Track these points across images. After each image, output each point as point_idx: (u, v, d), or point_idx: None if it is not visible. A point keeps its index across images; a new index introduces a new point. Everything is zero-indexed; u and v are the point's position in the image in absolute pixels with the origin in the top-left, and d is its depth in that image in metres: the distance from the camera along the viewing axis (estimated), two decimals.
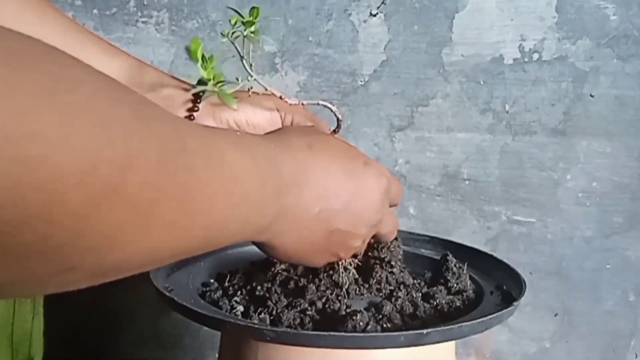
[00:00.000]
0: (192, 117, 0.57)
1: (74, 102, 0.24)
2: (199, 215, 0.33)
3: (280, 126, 0.60)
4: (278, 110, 0.59)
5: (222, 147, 0.36)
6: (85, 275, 0.28)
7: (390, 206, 0.54)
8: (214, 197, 0.34)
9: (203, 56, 0.56)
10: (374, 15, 0.94)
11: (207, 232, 0.35)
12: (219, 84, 0.55)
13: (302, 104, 0.57)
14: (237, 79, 0.55)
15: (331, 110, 0.57)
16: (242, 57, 0.55)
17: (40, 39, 0.52)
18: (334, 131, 0.59)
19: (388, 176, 0.51)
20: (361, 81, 0.96)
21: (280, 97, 0.56)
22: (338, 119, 0.58)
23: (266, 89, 0.56)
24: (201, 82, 0.57)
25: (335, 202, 0.46)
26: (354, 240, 0.49)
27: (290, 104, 0.57)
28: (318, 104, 0.57)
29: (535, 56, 0.90)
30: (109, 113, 0.26)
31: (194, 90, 0.58)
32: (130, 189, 0.27)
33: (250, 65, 0.55)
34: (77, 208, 0.25)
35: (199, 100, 0.58)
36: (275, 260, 0.57)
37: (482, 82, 0.92)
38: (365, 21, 0.94)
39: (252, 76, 0.55)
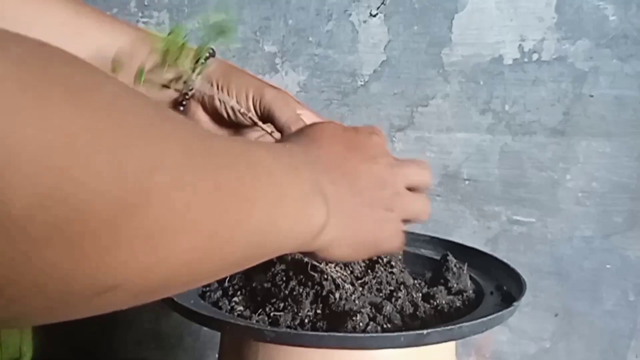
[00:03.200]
0: (187, 95, 0.58)
1: (97, 107, 0.23)
2: (241, 217, 0.31)
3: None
4: (254, 97, 0.58)
5: (245, 146, 0.35)
6: (130, 295, 0.27)
7: None
8: (250, 196, 0.32)
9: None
10: (374, 16, 0.94)
11: (256, 235, 0.33)
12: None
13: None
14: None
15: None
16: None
17: (44, 25, 0.51)
18: None
19: (371, 130, 0.50)
20: (361, 81, 0.96)
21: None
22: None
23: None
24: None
25: (356, 176, 0.45)
26: (391, 198, 0.47)
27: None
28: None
29: (535, 56, 0.90)
30: (130, 115, 0.25)
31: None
32: (161, 191, 0.25)
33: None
34: (108, 216, 0.23)
35: (187, 96, 0.58)
36: (339, 261, 0.55)
37: (481, 82, 0.93)
38: (365, 21, 0.94)
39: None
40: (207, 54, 0.59)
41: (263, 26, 0.97)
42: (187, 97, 0.58)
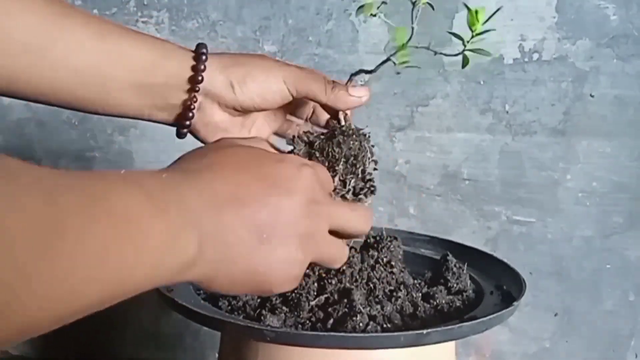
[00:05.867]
0: (194, 99, 0.54)
1: None
2: (88, 275, 0.30)
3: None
4: (288, 87, 0.54)
5: (107, 195, 0.33)
6: None
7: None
8: (102, 251, 0.31)
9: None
10: (374, 15, 0.94)
11: (106, 286, 0.32)
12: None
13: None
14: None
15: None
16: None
17: (28, 25, 0.48)
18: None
19: (311, 164, 0.47)
20: (361, 81, 0.96)
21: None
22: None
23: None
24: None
25: (256, 209, 0.41)
26: (298, 239, 0.43)
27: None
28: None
29: (535, 56, 0.90)
30: None
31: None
32: None
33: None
34: None
35: (197, 88, 0.54)
36: (223, 294, 0.54)
37: (482, 82, 0.92)
38: (365, 21, 0.94)
39: None
40: (203, 51, 0.55)
41: (263, 26, 0.97)
42: (195, 98, 0.54)
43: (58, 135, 1.07)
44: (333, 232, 0.47)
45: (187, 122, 0.56)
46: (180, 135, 0.57)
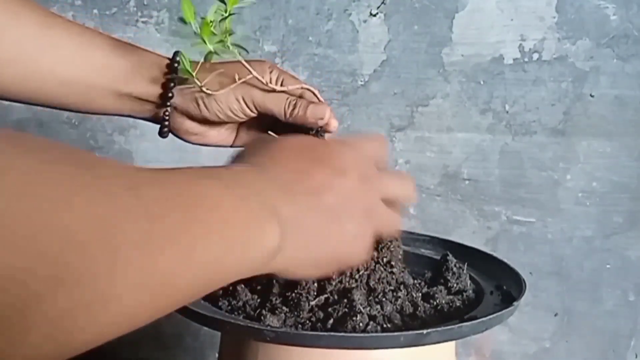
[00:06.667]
0: (166, 112, 0.56)
1: (5, 190, 0.22)
2: (178, 264, 0.31)
3: None
4: (248, 106, 0.56)
5: (188, 186, 0.34)
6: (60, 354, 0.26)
7: (380, 168, 0.52)
8: (191, 242, 0.31)
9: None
10: (374, 15, 0.94)
11: (195, 278, 0.32)
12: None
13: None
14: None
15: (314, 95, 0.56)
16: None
17: (14, 37, 0.50)
18: None
19: (351, 142, 0.50)
20: (361, 81, 0.96)
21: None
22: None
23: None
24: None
25: (322, 192, 0.44)
26: (362, 213, 0.46)
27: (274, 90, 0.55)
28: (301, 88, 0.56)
29: (535, 56, 0.90)
30: (44, 199, 0.24)
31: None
32: (80, 266, 0.25)
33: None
34: (6, 313, 0.22)
35: (168, 103, 0.56)
36: (305, 280, 0.54)
37: (482, 82, 0.92)
38: (365, 21, 0.94)
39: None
40: (175, 65, 0.57)
41: (263, 26, 0.97)
42: (167, 112, 0.57)
43: (58, 136, 1.07)
44: (385, 201, 0.50)
45: (165, 129, 0.59)
46: (161, 135, 0.60)
